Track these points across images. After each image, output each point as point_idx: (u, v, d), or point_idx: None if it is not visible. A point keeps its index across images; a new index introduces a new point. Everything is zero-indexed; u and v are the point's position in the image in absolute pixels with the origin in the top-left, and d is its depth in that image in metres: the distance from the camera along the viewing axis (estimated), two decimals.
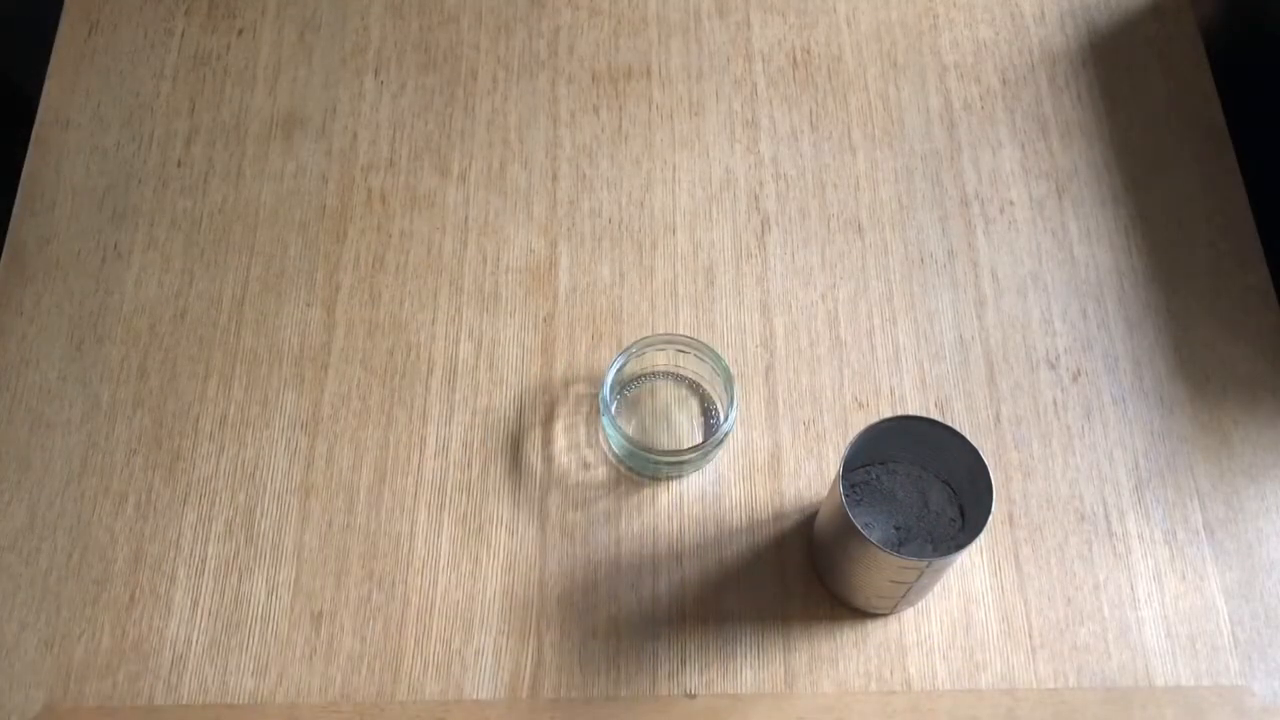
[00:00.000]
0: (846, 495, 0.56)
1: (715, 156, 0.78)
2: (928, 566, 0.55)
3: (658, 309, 0.73)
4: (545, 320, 0.72)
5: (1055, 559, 0.66)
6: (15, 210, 0.76)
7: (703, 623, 0.64)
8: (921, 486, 0.62)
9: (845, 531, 0.56)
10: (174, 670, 0.64)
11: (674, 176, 0.77)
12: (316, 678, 0.63)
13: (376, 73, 0.81)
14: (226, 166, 0.78)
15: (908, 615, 0.64)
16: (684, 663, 0.63)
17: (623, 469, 0.68)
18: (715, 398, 0.69)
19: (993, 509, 0.54)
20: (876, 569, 0.57)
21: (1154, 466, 0.68)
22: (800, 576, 0.65)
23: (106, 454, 0.69)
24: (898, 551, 0.58)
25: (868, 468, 0.62)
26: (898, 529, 0.61)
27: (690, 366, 0.69)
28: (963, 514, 0.61)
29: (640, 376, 0.70)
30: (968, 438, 0.56)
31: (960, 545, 0.55)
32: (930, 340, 0.72)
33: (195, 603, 0.65)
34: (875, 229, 0.75)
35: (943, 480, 0.62)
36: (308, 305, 0.73)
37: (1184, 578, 0.66)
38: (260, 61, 0.81)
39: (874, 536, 0.58)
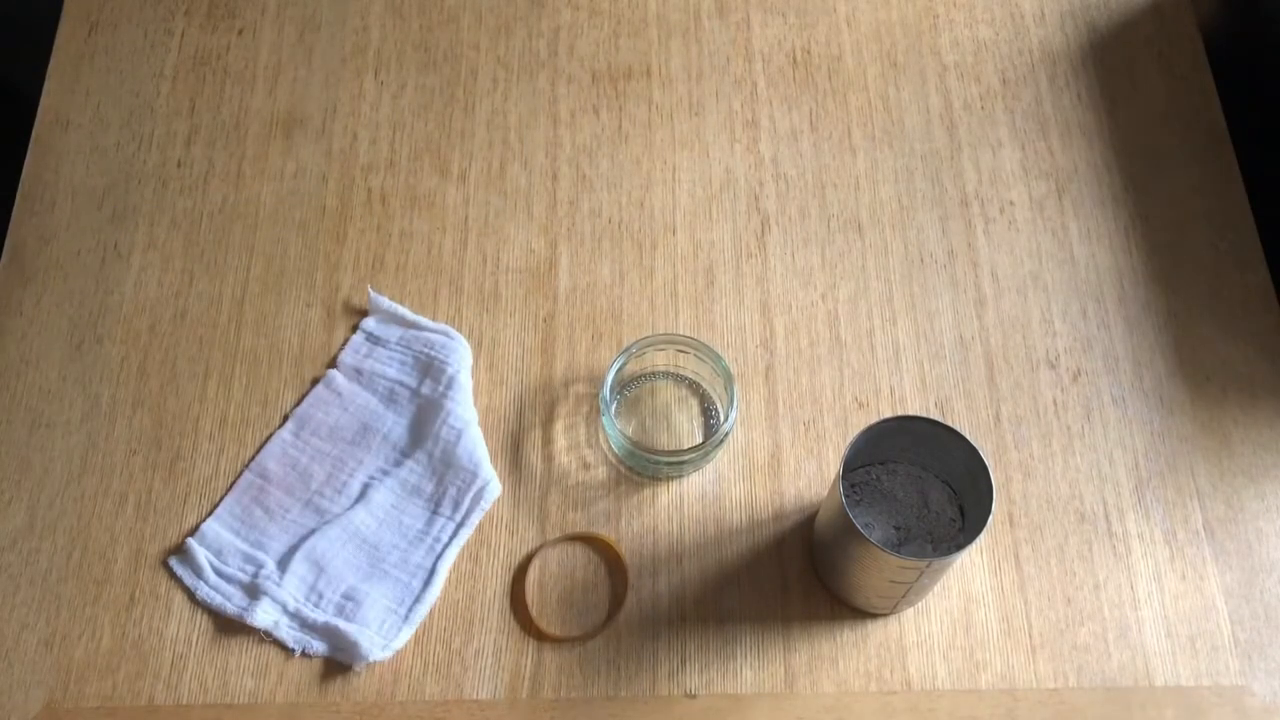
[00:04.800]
0: (846, 495, 0.56)
1: (715, 156, 0.78)
2: (928, 566, 0.55)
3: (658, 309, 0.73)
4: (545, 320, 0.72)
5: (1055, 559, 0.66)
6: (15, 210, 0.76)
7: (703, 623, 0.64)
8: (921, 486, 0.62)
9: (845, 531, 0.56)
10: (174, 670, 0.64)
11: (674, 176, 0.77)
12: (316, 678, 0.63)
13: (376, 73, 0.81)
14: (226, 166, 0.78)
15: (908, 615, 0.64)
16: (684, 663, 0.63)
17: (623, 469, 0.68)
18: (715, 398, 0.69)
19: (993, 509, 0.54)
20: (876, 569, 0.57)
21: (1154, 466, 0.68)
22: (800, 576, 0.65)
23: (106, 454, 0.69)
24: (898, 551, 0.58)
25: (868, 468, 0.62)
26: (898, 529, 0.61)
27: (690, 366, 0.69)
28: (963, 514, 0.61)
29: (640, 376, 0.70)
30: (968, 438, 0.56)
31: (960, 545, 0.55)
32: (930, 340, 0.72)
33: (195, 603, 0.65)
34: (875, 229, 0.75)
35: (943, 480, 0.62)
36: (308, 305, 0.73)
37: (1184, 578, 0.66)
38: (260, 61, 0.81)
39: (874, 536, 0.58)
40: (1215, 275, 0.74)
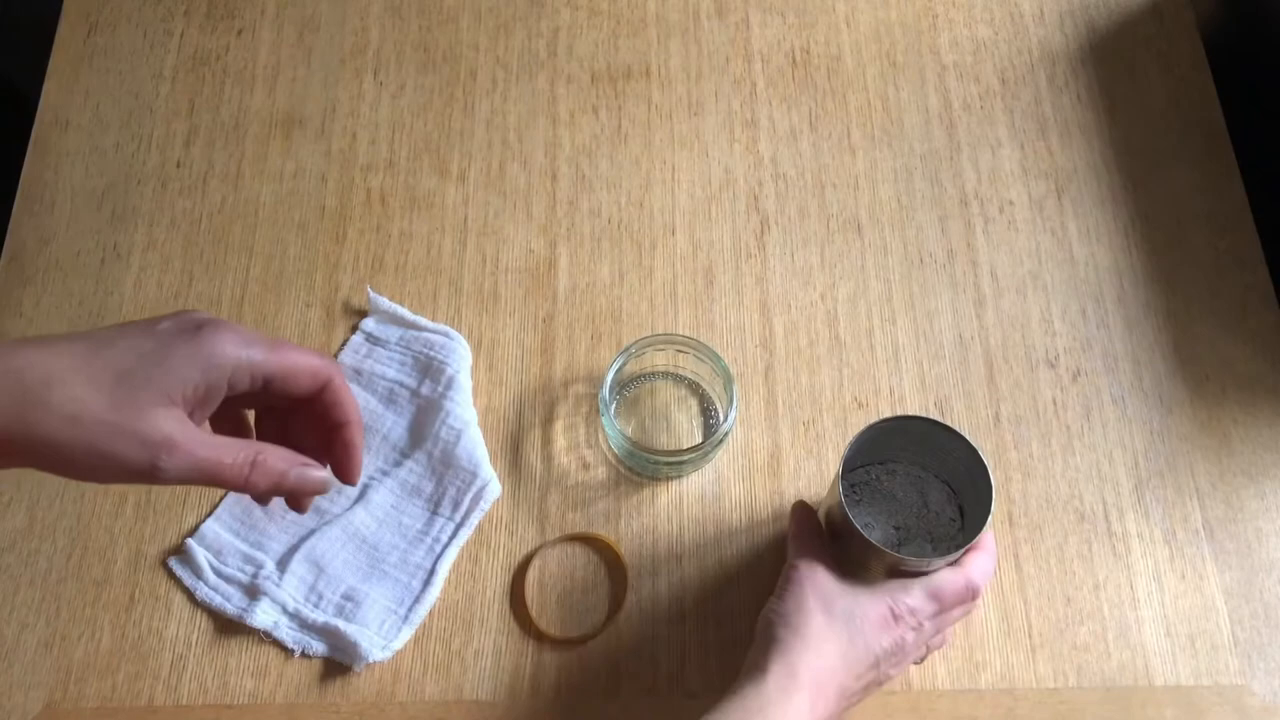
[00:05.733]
0: (846, 495, 0.56)
1: (714, 156, 0.78)
2: (928, 566, 0.55)
3: (657, 309, 0.73)
4: (545, 320, 0.72)
5: (1055, 559, 0.66)
6: (15, 210, 0.76)
7: (702, 623, 0.64)
8: (921, 486, 0.62)
9: (845, 531, 0.56)
10: (174, 671, 0.64)
11: (673, 176, 0.77)
12: (316, 678, 0.63)
13: (376, 73, 0.81)
14: (226, 167, 0.78)
15: None
16: (684, 663, 0.63)
17: (623, 469, 0.68)
18: (715, 398, 0.69)
19: (992, 508, 0.54)
20: (876, 569, 0.57)
21: (1154, 466, 0.68)
22: None
23: None
24: (897, 551, 0.58)
25: (867, 467, 0.62)
26: (897, 529, 0.61)
27: (690, 366, 0.69)
28: (962, 513, 0.61)
29: (640, 376, 0.70)
30: (967, 437, 0.56)
31: (960, 545, 0.55)
32: (930, 340, 0.72)
33: (195, 603, 0.65)
34: (875, 229, 0.75)
35: (942, 480, 0.62)
36: (307, 305, 0.73)
37: (1184, 577, 0.66)
38: (259, 62, 0.81)
39: (873, 536, 0.58)
40: (1215, 275, 0.74)
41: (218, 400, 0.44)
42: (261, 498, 0.47)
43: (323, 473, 0.47)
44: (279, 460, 0.45)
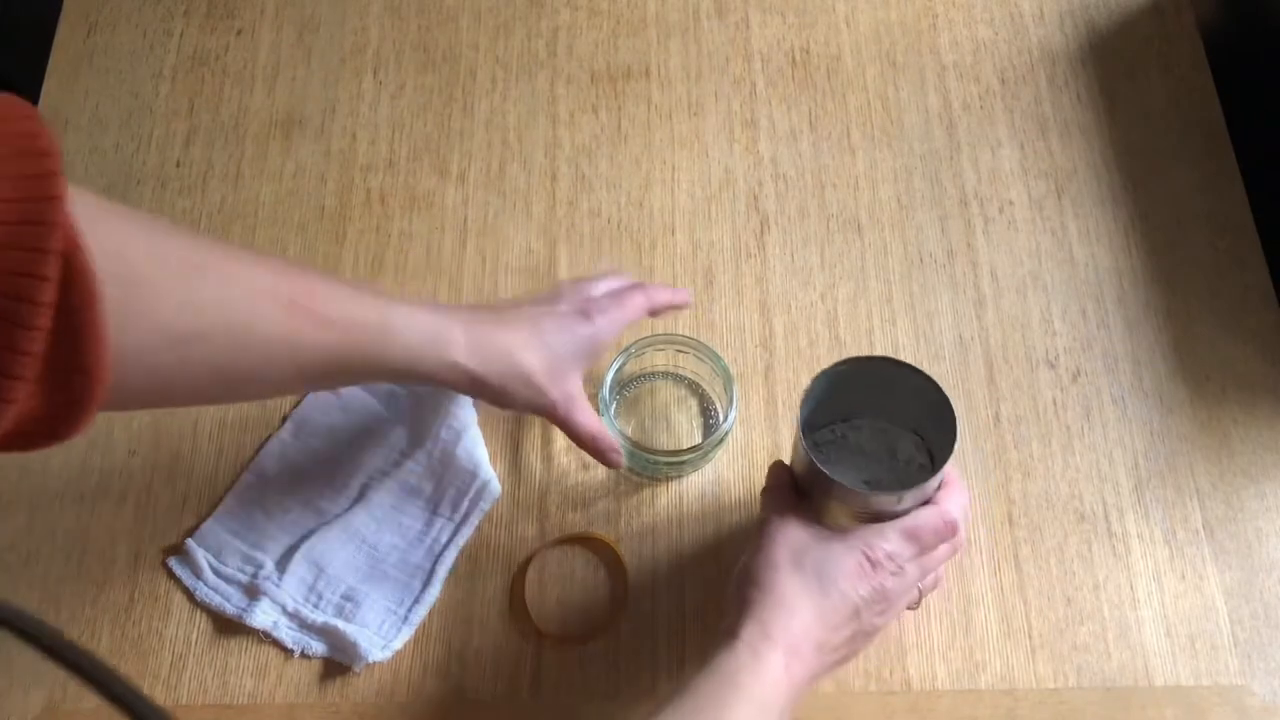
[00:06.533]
0: (813, 453, 0.55)
1: (714, 156, 0.78)
2: (899, 502, 0.54)
3: None
4: None
5: (1055, 559, 0.66)
6: None
7: (702, 623, 0.64)
8: (888, 439, 0.60)
9: (811, 477, 0.54)
10: (173, 671, 0.64)
11: (673, 177, 0.77)
12: (316, 678, 0.63)
13: (375, 73, 0.81)
14: (225, 167, 0.78)
15: (907, 615, 0.64)
16: (683, 663, 0.63)
17: (622, 469, 0.68)
18: (715, 397, 0.69)
19: (958, 436, 0.53)
20: (849, 517, 0.55)
21: (1154, 466, 0.68)
22: None
23: (106, 454, 0.69)
24: (865, 486, 0.57)
25: (832, 426, 0.61)
26: (867, 483, 0.60)
27: (690, 366, 0.69)
28: (932, 459, 0.60)
29: (640, 376, 0.70)
30: (925, 372, 0.55)
31: (931, 474, 0.54)
32: (930, 340, 0.72)
33: (194, 603, 0.65)
34: (875, 229, 0.75)
35: (909, 430, 0.61)
36: None
37: (1184, 577, 0.66)
38: (259, 62, 0.81)
39: None
40: (1215, 275, 0.74)
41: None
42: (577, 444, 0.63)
43: (622, 461, 0.64)
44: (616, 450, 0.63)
